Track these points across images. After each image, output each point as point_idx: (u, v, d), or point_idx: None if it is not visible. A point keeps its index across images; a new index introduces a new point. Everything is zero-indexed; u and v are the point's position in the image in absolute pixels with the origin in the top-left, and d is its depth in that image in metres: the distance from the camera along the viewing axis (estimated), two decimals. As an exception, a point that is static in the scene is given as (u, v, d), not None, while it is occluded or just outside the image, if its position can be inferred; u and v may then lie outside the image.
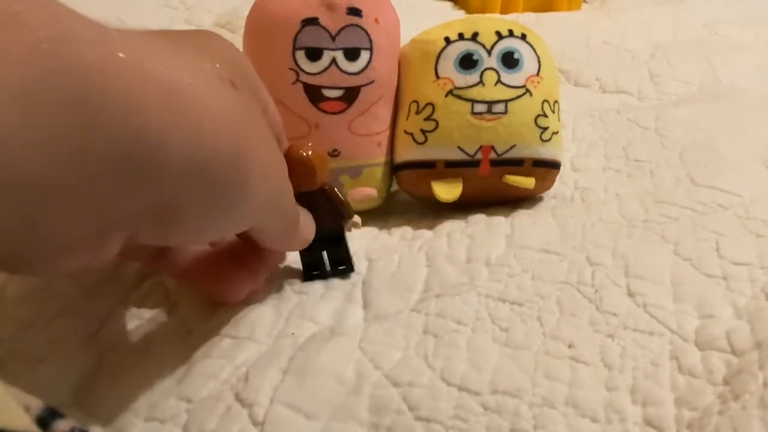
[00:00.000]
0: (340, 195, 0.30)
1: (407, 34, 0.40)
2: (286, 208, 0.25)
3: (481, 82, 0.36)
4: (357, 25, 0.36)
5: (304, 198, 0.29)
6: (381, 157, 0.38)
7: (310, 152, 0.27)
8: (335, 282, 0.31)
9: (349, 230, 0.31)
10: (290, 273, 0.32)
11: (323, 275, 0.31)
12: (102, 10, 0.17)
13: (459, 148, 0.36)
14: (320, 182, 0.28)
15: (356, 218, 0.31)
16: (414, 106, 0.37)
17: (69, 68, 0.15)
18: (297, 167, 0.26)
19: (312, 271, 0.31)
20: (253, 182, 0.21)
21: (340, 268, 0.31)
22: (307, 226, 0.28)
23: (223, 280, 0.28)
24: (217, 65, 0.20)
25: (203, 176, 0.19)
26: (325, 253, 0.31)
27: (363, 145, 0.37)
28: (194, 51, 0.20)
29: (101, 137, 0.16)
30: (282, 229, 0.26)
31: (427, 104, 0.37)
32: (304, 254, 0.31)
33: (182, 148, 0.18)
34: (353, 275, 0.32)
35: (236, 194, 0.20)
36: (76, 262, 0.18)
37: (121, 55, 0.16)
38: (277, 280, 0.31)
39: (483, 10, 0.83)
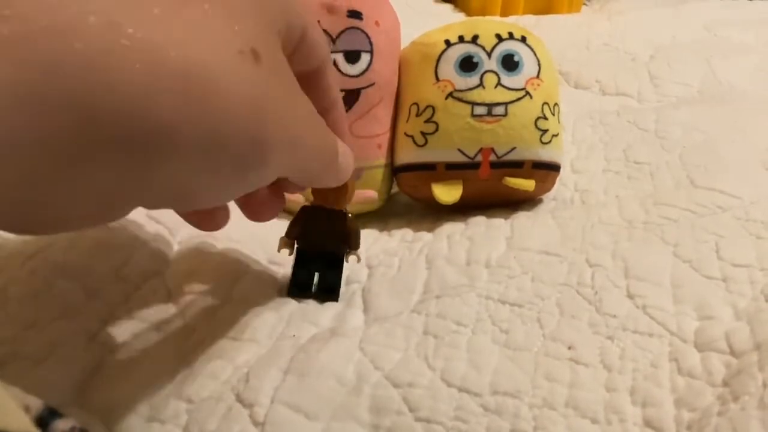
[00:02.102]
0: (356, 225, 0.30)
1: (407, 36, 0.40)
2: (321, 159, 0.24)
3: (481, 84, 0.36)
4: (357, 28, 0.36)
5: (321, 213, 0.30)
6: (381, 160, 0.38)
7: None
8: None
9: (347, 261, 0.31)
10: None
11: (307, 295, 0.31)
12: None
13: (459, 150, 0.36)
14: (346, 203, 0.29)
15: (360, 252, 0.31)
16: (414, 109, 0.37)
17: (66, 69, 0.14)
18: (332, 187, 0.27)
19: (298, 287, 0.30)
20: (276, 156, 0.20)
21: (326, 293, 0.31)
22: (346, 161, 0.26)
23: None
24: (240, 31, 0.18)
25: (219, 158, 0.18)
26: (316, 276, 0.31)
27: (363, 148, 0.37)
28: (218, 14, 0.18)
29: (105, 132, 0.15)
30: (314, 175, 0.25)
31: (428, 106, 0.37)
32: (296, 270, 0.30)
33: (194, 132, 0.17)
34: (354, 285, 0.32)
35: (255, 170, 0.19)
36: (85, 226, 0.18)
37: (125, 42, 0.15)
38: (279, 286, 0.31)
39: (483, 12, 0.84)
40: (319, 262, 0.30)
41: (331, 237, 0.30)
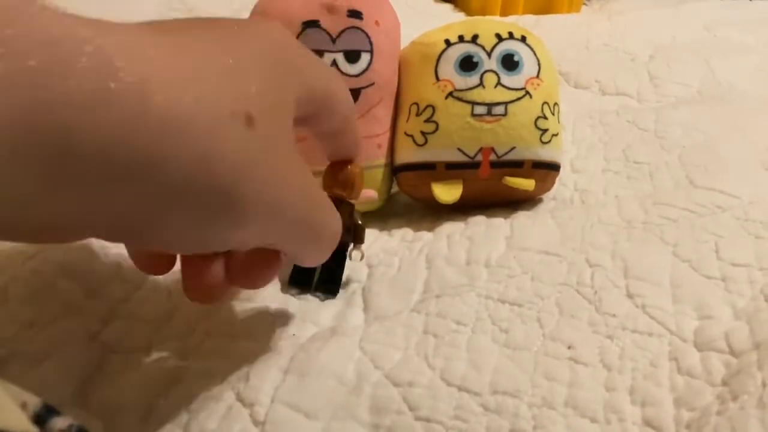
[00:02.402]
0: (361, 220, 0.30)
1: (407, 36, 0.40)
2: (311, 234, 0.23)
3: (481, 84, 0.36)
4: (357, 28, 0.36)
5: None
6: (381, 159, 0.38)
7: (353, 167, 0.28)
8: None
9: (350, 258, 0.31)
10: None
11: (306, 289, 0.31)
12: (101, 13, 0.17)
13: (459, 149, 0.36)
14: (354, 197, 0.29)
15: (363, 248, 0.31)
16: (414, 108, 0.37)
17: (53, 107, 0.15)
18: (340, 178, 0.28)
19: (297, 281, 0.31)
20: (255, 219, 0.19)
21: (326, 286, 0.31)
22: (332, 237, 0.25)
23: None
24: (239, 93, 0.19)
25: (191, 204, 0.18)
26: (317, 271, 0.31)
27: (363, 147, 0.37)
28: (220, 71, 0.18)
29: (81, 166, 0.16)
30: (301, 251, 0.24)
31: (427, 106, 0.37)
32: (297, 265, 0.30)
33: (168, 177, 0.17)
34: (354, 284, 0.32)
35: (229, 227, 0.19)
36: (45, 242, 0.19)
37: (112, 85, 0.15)
38: (279, 285, 0.31)
39: (483, 12, 0.84)
40: None
41: None
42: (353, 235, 0.30)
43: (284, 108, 0.21)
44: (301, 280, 0.31)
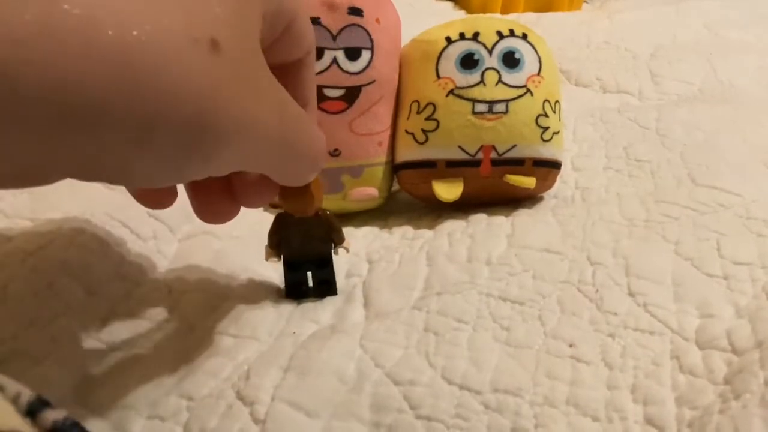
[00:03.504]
0: (334, 222, 0.30)
1: (408, 33, 0.40)
2: (287, 154, 0.22)
3: (482, 81, 0.36)
4: (358, 25, 0.36)
5: (297, 219, 0.29)
6: (382, 157, 0.38)
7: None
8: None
9: (336, 253, 0.30)
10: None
11: (306, 293, 0.30)
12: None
13: (460, 147, 0.36)
14: (317, 208, 0.28)
15: (346, 243, 0.30)
16: (415, 106, 0.37)
17: None
18: (294, 195, 0.26)
19: (293, 291, 0.30)
20: (230, 147, 0.19)
21: (324, 286, 0.31)
22: (320, 149, 0.24)
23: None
24: (200, 19, 0.17)
25: (157, 138, 0.17)
26: (309, 274, 0.30)
27: (364, 145, 0.37)
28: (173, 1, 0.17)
29: (31, 107, 0.15)
30: (283, 171, 0.23)
31: (428, 104, 0.37)
32: (288, 273, 0.30)
33: (128, 113, 0.16)
34: (354, 278, 0.32)
35: (203, 157, 0.18)
36: (13, 187, 0.18)
37: (58, 19, 0.14)
38: (278, 283, 0.31)
39: (483, 10, 0.83)
40: (310, 263, 0.30)
41: (311, 240, 0.29)
42: (330, 238, 0.30)
43: (251, 26, 0.20)
44: (296, 291, 0.30)
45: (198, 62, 0.17)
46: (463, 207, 0.37)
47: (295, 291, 0.30)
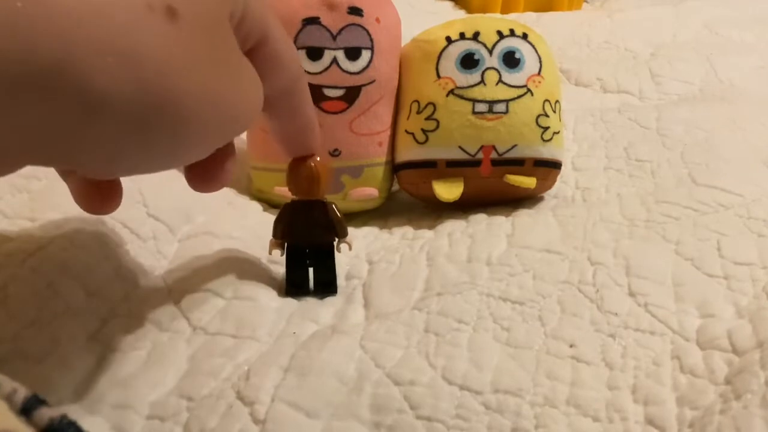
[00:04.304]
0: (338, 213, 0.30)
1: (408, 33, 0.40)
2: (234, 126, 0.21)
3: (482, 81, 0.36)
4: (358, 25, 0.36)
5: (302, 207, 0.29)
6: (382, 157, 0.38)
7: (316, 163, 0.28)
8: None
9: (339, 251, 0.31)
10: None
11: (305, 292, 0.31)
12: None
13: (460, 147, 0.36)
14: (323, 193, 0.29)
15: (349, 239, 0.31)
16: (415, 106, 0.37)
17: None
18: (303, 175, 0.28)
19: (294, 287, 0.30)
20: (190, 125, 0.18)
21: (323, 286, 0.31)
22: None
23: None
24: None
25: (118, 122, 0.16)
26: (311, 271, 0.31)
27: (364, 145, 0.37)
28: None
29: None
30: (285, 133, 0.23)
31: (428, 104, 0.37)
32: (290, 270, 0.30)
33: (81, 82, 0.15)
34: (354, 280, 0.32)
35: (168, 134, 0.18)
36: None
37: None
38: (278, 283, 0.31)
39: (484, 9, 0.83)
40: (311, 257, 0.30)
41: (316, 228, 0.30)
42: (335, 231, 0.30)
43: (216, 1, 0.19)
44: (297, 287, 0.30)
45: (155, 29, 0.17)
46: (463, 207, 0.37)
47: (295, 289, 0.30)
